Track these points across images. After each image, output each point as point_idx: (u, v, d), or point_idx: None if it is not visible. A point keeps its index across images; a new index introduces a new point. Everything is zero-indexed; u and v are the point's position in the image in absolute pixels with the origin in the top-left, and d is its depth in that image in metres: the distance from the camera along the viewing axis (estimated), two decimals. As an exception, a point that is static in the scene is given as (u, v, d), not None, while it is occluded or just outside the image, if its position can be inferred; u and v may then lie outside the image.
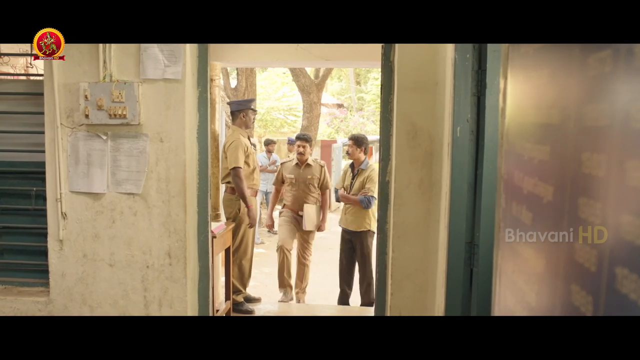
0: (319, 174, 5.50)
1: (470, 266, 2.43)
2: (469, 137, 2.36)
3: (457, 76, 2.38)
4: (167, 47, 2.97)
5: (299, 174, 5.48)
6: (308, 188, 5.42)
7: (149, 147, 3.05)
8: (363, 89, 21.23)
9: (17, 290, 3.36)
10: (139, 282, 3.13)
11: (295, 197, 5.47)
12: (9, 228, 3.42)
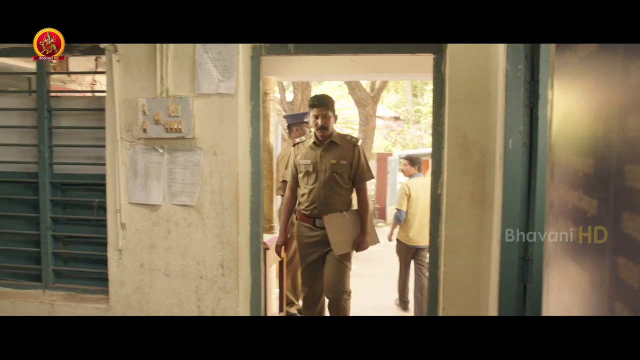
0: (350, 158, 3.66)
1: (523, 282, 2.35)
2: (521, 150, 2.31)
3: (509, 87, 2.33)
4: (221, 62, 3.06)
5: (318, 157, 3.67)
6: (334, 180, 3.63)
7: (203, 160, 3.13)
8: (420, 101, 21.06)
9: (80, 296, 3.50)
10: (193, 291, 3.21)
11: (313, 196, 3.67)
12: (73, 237, 3.58)
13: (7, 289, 3.61)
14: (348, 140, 3.75)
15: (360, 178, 3.74)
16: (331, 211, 3.67)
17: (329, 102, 3.67)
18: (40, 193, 3.54)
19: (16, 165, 3.63)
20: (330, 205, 3.67)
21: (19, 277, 3.68)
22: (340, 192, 3.68)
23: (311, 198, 3.71)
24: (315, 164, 3.69)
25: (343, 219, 3.69)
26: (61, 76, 5.06)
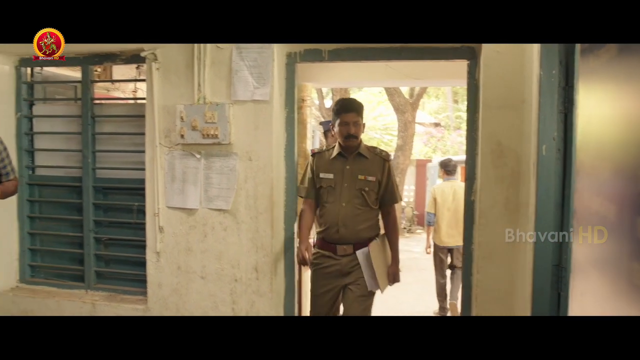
0: (380, 174, 3.14)
1: (557, 290, 2.32)
2: (555, 156, 2.27)
3: (543, 93, 2.30)
4: (256, 70, 3.11)
5: (343, 172, 3.12)
6: (360, 199, 3.08)
7: (238, 166, 3.19)
8: (461, 108, 20.79)
9: (120, 297, 3.61)
10: (228, 294, 3.26)
11: (334, 217, 3.09)
12: (114, 240, 3.69)
13: (52, 289, 3.75)
14: (378, 154, 3.18)
15: (390, 199, 3.19)
16: (356, 236, 3.10)
17: (359, 107, 3.14)
18: (84, 197, 3.67)
19: (62, 169, 3.78)
20: (354, 229, 3.07)
21: (63, 277, 3.82)
22: (366, 215, 3.11)
23: (332, 219, 3.08)
24: (339, 179, 3.11)
25: (376, 247, 3.14)
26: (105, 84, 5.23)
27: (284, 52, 3.20)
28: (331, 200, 3.11)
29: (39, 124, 3.85)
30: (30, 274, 3.90)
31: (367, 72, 4.73)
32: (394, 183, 3.21)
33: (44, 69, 3.90)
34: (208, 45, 3.17)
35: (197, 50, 3.19)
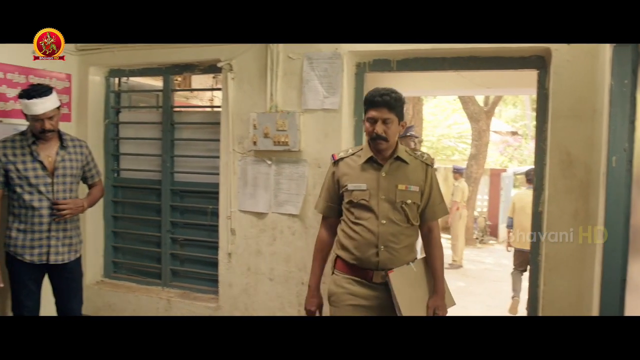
0: (422, 183, 2.59)
1: (626, 305, 2.26)
2: (625, 167, 2.23)
3: (614, 103, 2.26)
4: (326, 79, 3.21)
5: (377, 180, 2.55)
6: (401, 215, 2.53)
7: (307, 172, 3.29)
8: (538, 116, 20.12)
9: (193, 295, 3.80)
10: (295, 296, 3.37)
11: (370, 238, 2.51)
12: (189, 240, 3.89)
13: (132, 284, 4.01)
14: (419, 158, 2.62)
15: (432, 213, 2.61)
16: (396, 261, 2.52)
17: (393, 102, 2.47)
18: (162, 199, 3.89)
19: (143, 172, 4.03)
20: (394, 251, 2.51)
21: (142, 274, 4.07)
22: (407, 233, 2.55)
23: (369, 240, 2.50)
24: (374, 191, 2.53)
25: (411, 274, 2.57)
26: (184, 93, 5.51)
27: (353, 62, 3.28)
28: (366, 217, 2.52)
29: (124, 130, 4.13)
30: (113, 270, 4.17)
31: (438, 81, 4.74)
32: (438, 193, 2.63)
33: (129, 78, 4.17)
34: (280, 56, 3.31)
35: (270, 61, 3.33)
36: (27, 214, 3.07)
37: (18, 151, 3.05)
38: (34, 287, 3.19)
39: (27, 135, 3.10)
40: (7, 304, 3.40)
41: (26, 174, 3.04)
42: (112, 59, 3.88)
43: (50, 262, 3.12)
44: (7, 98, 3.39)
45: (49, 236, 3.11)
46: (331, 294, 2.62)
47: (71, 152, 3.21)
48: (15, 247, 3.08)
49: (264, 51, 3.34)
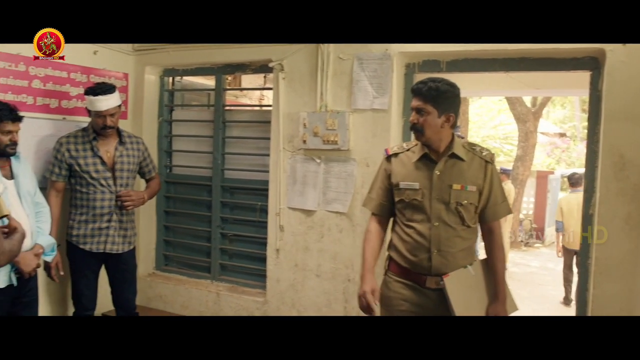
0: (480, 181, 2.40)
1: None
2: (682, 171, 2.20)
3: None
4: (376, 80, 3.25)
5: (431, 179, 2.40)
6: (456, 216, 2.38)
7: (356, 171, 3.34)
8: (589, 117, 19.60)
9: (242, 289, 3.90)
10: (341, 293, 3.42)
11: (422, 241, 2.39)
12: (238, 236, 3.99)
13: (182, 277, 4.13)
14: (478, 154, 2.43)
15: (492, 213, 2.43)
16: (450, 266, 2.37)
17: (425, 91, 2.33)
18: (213, 195, 4.01)
19: (194, 169, 4.15)
20: (449, 255, 2.37)
21: (192, 268, 4.19)
22: (463, 236, 2.39)
23: (419, 244, 2.38)
24: (427, 190, 2.39)
25: (469, 279, 2.40)
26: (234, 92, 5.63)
27: (403, 62, 3.31)
28: (418, 219, 2.39)
29: (177, 127, 4.26)
30: (164, 263, 4.31)
31: (486, 81, 4.70)
32: (499, 192, 2.43)
33: (183, 78, 4.30)
34: (331, 56, 3.36)
35: (320, 61, 3.39)
36: (87, 205, 3.23)
37: (80, 146, 3.22)
38: (92, 277, 3.35)
39: (88, 131, 3.26)
40: (67, 292, 3.57)
41: (87, 168, 3.20)
42: (166, 58, 4.01)
43: (106, 251, 3.27)
44: (70, 96, 3.56)
45: (108, 226, 3.26)
46: (383, 297, 2.48)
47: (129, 148, 3.35)
48: (76, 237, 3.25)
49: (315, 51, 3.41)
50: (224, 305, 3.82)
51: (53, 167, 3.24)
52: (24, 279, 2.74)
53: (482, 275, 2.43)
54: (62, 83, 3.52)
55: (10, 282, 2.69)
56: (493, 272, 2.43)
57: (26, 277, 2.72)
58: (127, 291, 3.46)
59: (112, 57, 3.88)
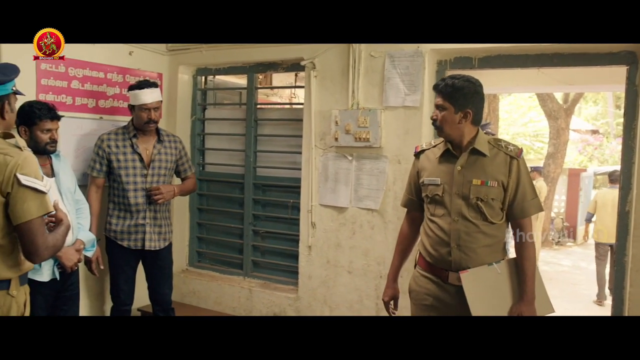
0: (505, 177, 2.37)
1: None
2: None
3: None
4: (407, 77, 3.26)
5: (452, 174, 2.42)
6: (476, 212, 2.37)
7: (387, 168, 3.35)
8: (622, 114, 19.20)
9: (274, 285, 3.94)
10: (373, 289, 3.44)
11: (443, 236, 2.42)
12: (270, 232, 4.04)
13: (215, 274, 4.20)
14: (502, 150, 2.39)
15: (520, 210, 2.38)
16: (472, 262, 2.37)
17: (443, 88, 2.38)
18: (245, 192, 4.06)
19: (227, 167, 4.21)
20: (470, 251, 2.37)
21: (225, 264, 4.25)
22: (486, 232, 2.37)
23: (440, 238, 2.42)
24: (447, 185, 2.42)
25: (492, 277, 2.38)
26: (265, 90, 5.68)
27: (434, 60, 3.31)
28: (439, 214, 2.43)
29: (210, 126, 4.32)
30: (197, 259, 4.37)
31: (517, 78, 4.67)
32: (527, 189, 2.38)
33: (215, 77, 4.36)
34: (362, 54, 3.38)
35: (352, 59, 3.41)
36: (124, 202, 3.31)
37: (120, 143, 3.30)
38: (130, 272, 3.43)
39: (129, 129, 3.34)
40: (105, 287, 3.66)
41: (126, 164, 3.28)
42: (199, 58, 4.07)
43: (145, 249, 3.35)
44: (107, 96, 3.65)
45: (144, 223, 3.34)
46: (410, 290, 2.59)
47: (167, 147, 3.43)
48: (114, 233, 3.33)
49: (346, 49, 3.43)
50: (257, 302, 3.87)
51: (94, 164, 3.33)
52: (66, 273, 2.82)
53: (509, 274, 2.40)
54: (99, 83, 3.61)
55: (53, 276, 2.78)
56: (521, 270, 2.38)
57: (68, 271, 2.81)
58: (164, 287, 3.53)
59: (146, 57, 3.96)
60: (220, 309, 4.02)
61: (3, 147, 1.99)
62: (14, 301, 2.07)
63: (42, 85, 3.26)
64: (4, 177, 1.94)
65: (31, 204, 1.96)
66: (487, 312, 2.32)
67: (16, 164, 1.95)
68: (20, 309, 2.10)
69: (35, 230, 1.97)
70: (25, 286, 2.17)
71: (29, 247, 1.99)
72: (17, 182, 1.94)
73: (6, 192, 1.95)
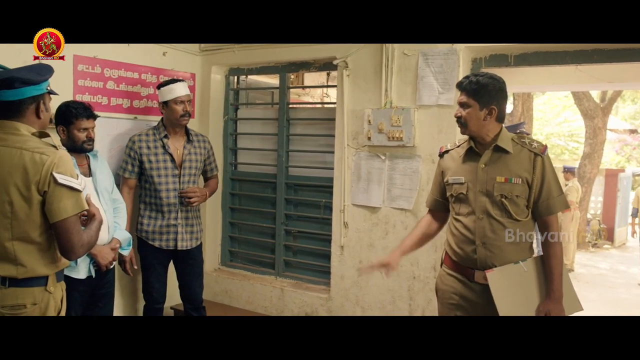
0: (529, 174, 2.34)
1: None
2: None
3: None
4: (441, 75, 3.21)
5: (475, 172, 2.41)
6: (501, 210, 2.35)
7: (421, 167, 3.31)
8: (663, 113, 18.69)
9: (305, 285, 3.93)
10: (406, 290, 3.40)
11: (467, 234, 2.41)
12: (302, 232, 4.03)
13: (247, 273, 4.21)
14: (526, 147, 2.38)
15: (546, 207, 2.36)
16: (498, 260, 2.35)
17: (466, 85, 2.37)
18: (277, 192, 4.06)
19: (259, 166, 4.22)
20: (495, 248, 2.35)
21: (256, 264, 4.26)
22: (512, 229, 2.36)
23: (465, 237, 2.41)
24: (471, 183, 2.41)
25: (519, 275, 2.36)
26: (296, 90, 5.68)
27: (469, 57, 3.26)
28: (464, 212, 2.42)
29: (242, 125, 4.34)
30: (229, 259, 4.39)
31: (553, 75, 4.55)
32: (552, 186, 2.35)
33: (247, 76, 4.38)
34: (396, 53, 3.35)
35: (384, 58, 3.38)
36: (156, 202, 3.34)
37: (151, 144, 3.34)
38: (162, 271, 3.47)
39: (159, 129, 3.38)
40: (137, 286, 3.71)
41: (157, 165, 3.31)
42: (232, 58, 4.09)
43: (178, 248, 3.38)
44: (141, 97, 3.69)
45: (176, 224, 3.37)
46: (437, 289, 2.60)
47: (196, 147, 3.46)
48: (146, 233, 3.37)
49: (379, 48, 3.40)
50: (288, 301, 3.86)
51: (126, 165, 3.37)
52: (101, 271, 2.86)
53: (536, 272, 2.38)
54: (133, 84, 3.65)
55: (89, 273, 2.83)
56: (547, 267, 2.36)
57: (103, 269, 2.84)
58: (195, 285, 3.56)
59: (180, 57, 4.00)
60: (252, 308, 4.03)
61: (39, 146, 2.03)
62: (52, 297, 2.10)
63: (79, 86, 3.32)
64: (41, 176, 1.97)
65: (67, 202, 1.99)
66: (514, 311, 2.30)
67: (52, 163, 1.98)
68: (58, 305, 2.14)
69: (71, 228, 2.00)
70: (62, 283, 2.20)
71: (65, 244, 2.02)
72: (54, 181, 1.97)
73: (43, 191, 1.98)
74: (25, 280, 2.03)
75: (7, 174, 1.98)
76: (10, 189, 1.98)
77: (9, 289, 2.02)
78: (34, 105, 2.06)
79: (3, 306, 2.02)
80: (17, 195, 1.98)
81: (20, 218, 1.99)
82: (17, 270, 2.02)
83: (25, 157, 1.98)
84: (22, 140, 2.02)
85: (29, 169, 1.97)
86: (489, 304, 2.31)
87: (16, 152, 1.99)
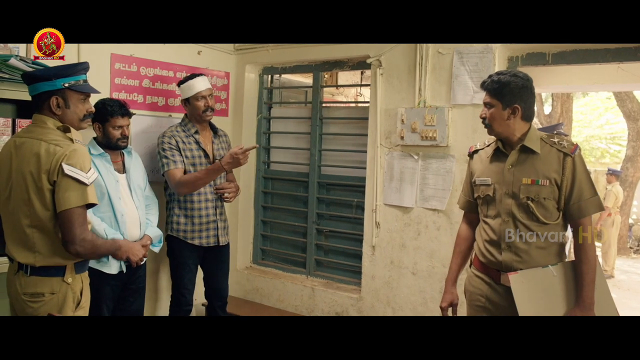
0: (558, 174, 2.24)
1: None
2: None
3: None
4: (476, 74, 3.16)
5: (502, 173, 2.34)
6: (527, 212, 2.27)
7: (454, 167, 3.26)
8: None
9: (336, 285, 3.92)
10: (437, 292, 3.35)
11: (493, 236, 2.36)
12: (333, 232, 4.02)
13: (279, 271, 4.22)
14: (555, 146, 2.27)
15: (578, 209, 2.24)
16: (524, 263, 2.28)
17: (489, 85, 2.33)
18: (309, 191, 4.06)
19: (291, 165, 4.22)
20: (521, 252, 2.28)
21: (287, 262, 4.27)
22: (540, 232, 2.27)
23: (491, 239, 2.36)
24: (498, 185, 2.34)
25: (546, 279, 2.26)
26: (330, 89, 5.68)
27: (505, 56, 3.19)
28: (491, 214, 2.37)
29: (275, 124, 4.35)
30: (261, 257, 4.41)
31: (593, 75, 4.43)
32: (585, 186, 2.23)
33: (281, 76, 4.39)
34: (430, 51, 3.31)
35: (419, 56, 3.34)
36: (193, 199, 3.33)
37: (185, 140, 3.33)
38: (195, 272, 3.47)
39: (187, 125, 3.36)
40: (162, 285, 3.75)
41: (193, 161, 3.32)
42: (266, 57, 4.11)
43: (220, 244, 3.41)
44: (176, 95, 3.73)
45: (216, 219, 3.39)
46: (465, 290, 2.56)
47: (222, 141, 3.51)
48: (185, 232, 3.34)
49: (413, 47, 3.36)
50: (319, 301, 3.86)
51: (172, 157, 3.24)
52: (132, 267, 2.90)
53: (566, 277, 2.27)
54: (168, 82, 3.70)
55: (120, 269, 2.88)
56: (578, 273, 2.24)
57: (134, 266, 2.87)
58: (224, 282, 3.58)
59: (214, 56, 4.04)
60: (283, 306, 4.03)
61: (56, 138, 2.10)
62: (70, 288, 2.16)
63: (116, 84, 3.38)
64: (51, 166, 2.04)
65: (72, 194, 2.04)
66: (535, 314, 2.21)
67: (63, 155, 2.05)
68: (77, 297, 2.19)
69: (74, 219, 2.05)
70: (84, 274, 2.25)
71: (66, 235, 2.07)
72: (61, 172, 2.03)
73: (52, 180, 2.05)
74: (43, 269, 2.11)
75: (25, 163, 2.07)
76: (27, 177, 2.06)
77: (30, 277, 2.10)
78: (48, 100, 2.13)
79: (24, 293, 2.11)
80: (32, 184, 2.06)
81: (36, 206, 2.07)
82: (35, 257, 2.10)
83: (42, 148, 2.06)
84: (45, 133, 2.10)
85: (42, 159, 2.05)
86: (513, 307, 2.24)
87: (36, 143, 2.08)
